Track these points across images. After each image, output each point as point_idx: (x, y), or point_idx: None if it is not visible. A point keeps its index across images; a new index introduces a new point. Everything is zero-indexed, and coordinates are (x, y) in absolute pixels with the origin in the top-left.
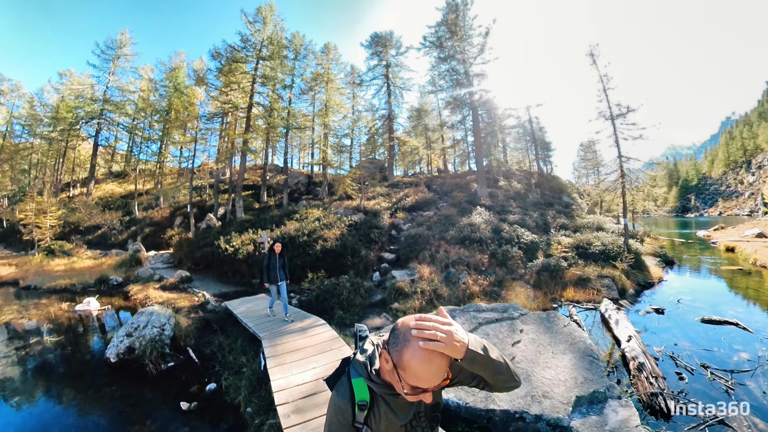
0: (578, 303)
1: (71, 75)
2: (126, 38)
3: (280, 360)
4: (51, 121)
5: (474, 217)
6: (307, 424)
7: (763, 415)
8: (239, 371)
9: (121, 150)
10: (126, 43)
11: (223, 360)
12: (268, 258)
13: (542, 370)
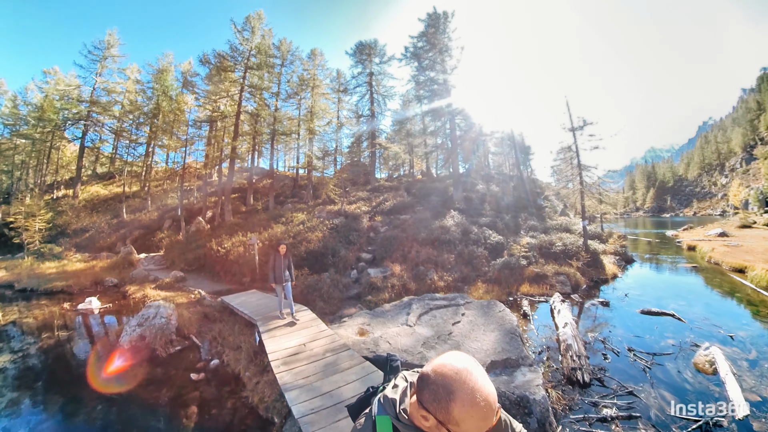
0: (532, 296)
1: (56, 73)
2: (114, 39)
3: (272, 334)
4: (35, 120)
5: (446, 221)
6: (291, 370)
7: (674, 389)
8: (238, 349)
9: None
10: (114, 44)
11: (223, 342)
12: (273, 259)
13: (471, 342)
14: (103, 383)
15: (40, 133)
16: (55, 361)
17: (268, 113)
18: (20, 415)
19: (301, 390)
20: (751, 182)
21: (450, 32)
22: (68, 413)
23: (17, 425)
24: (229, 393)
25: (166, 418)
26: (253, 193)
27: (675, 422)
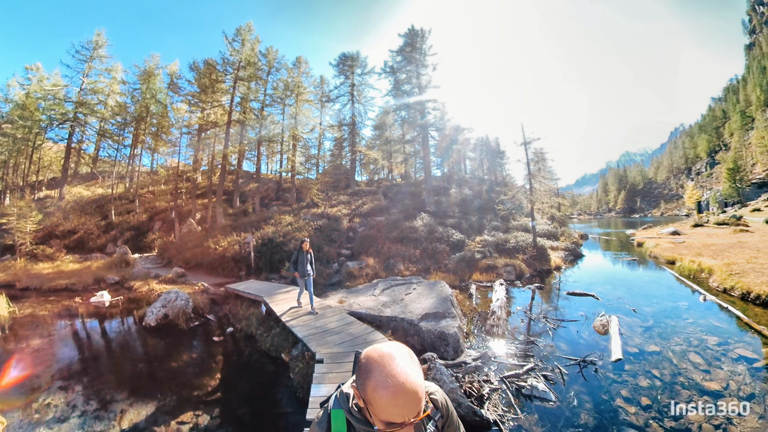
0: (480, 282)
1: (38, 70)
2: (102, 39)
3: (276, 302)
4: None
5: (416, 222)
6: (293, 319)
7: (569, 342)
8: (248, 318)
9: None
10: (102, 45)
11: (234, 316)
12: (296, 255)
13: (415, 304)
14: (144, 344)
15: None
16: (98, 336)
17: (256, 121)
18: (105, 360)
19: (302, 327)
20: (714, 185)
21: (426, 49)
22: (127, 368)
23: (105, 366)
24: (245, 346)
25: (201, 364)
26: (239, 196)
27: (560, 361)
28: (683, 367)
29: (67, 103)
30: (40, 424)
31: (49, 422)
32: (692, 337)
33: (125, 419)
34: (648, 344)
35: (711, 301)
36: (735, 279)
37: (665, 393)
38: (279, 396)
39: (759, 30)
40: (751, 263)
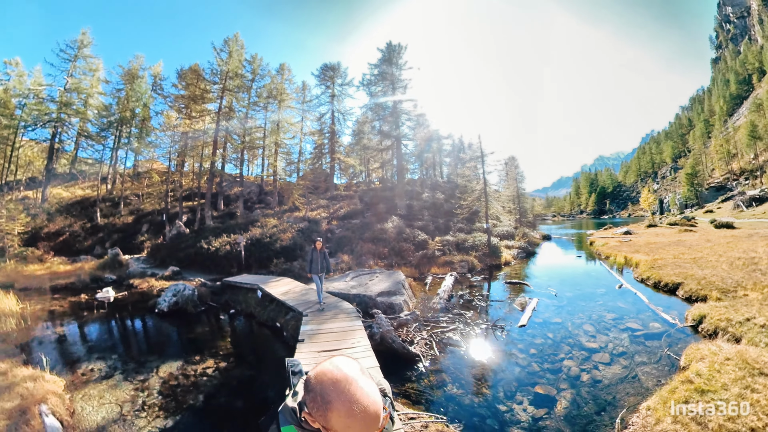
0: (436, 275)
1: (17, 65)
2: (87, 38)
3: (270, 287)
4: None
5: (387, 224)
6: (285, 295)
7: (492, 316)
8: (247, 301)
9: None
10: (87, 44)
11: (234, 301)
12: (311, 254)
13: (375, 286)
14: (161, 325)
15: None
16: (117, 321)
17: (240, 128)
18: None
19: (292, 301)
20: (677, 188)
21: (401, 64)
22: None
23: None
24: (246, 320)
25: (213, 333)
26: (223, 199)
27: (477, 325)
28: (575, 332)
29: (50, 102)
30: (90, 381)
31: (96, 380)
32: (594, 313)
33: (161, 371)
34: (554, 317)
35: (626, 288)
36: (653, 271)
37: (552, 348)
38: (276, 348)
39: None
40: (676, 258)
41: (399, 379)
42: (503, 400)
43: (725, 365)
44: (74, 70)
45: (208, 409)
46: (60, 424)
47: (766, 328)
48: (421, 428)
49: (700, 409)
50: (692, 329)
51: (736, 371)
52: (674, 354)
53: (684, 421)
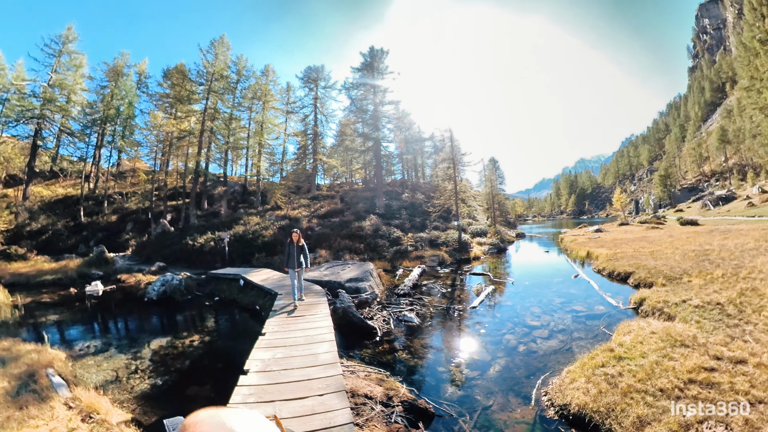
0: (407, 267)
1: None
2: (73, 34)
3: (251, 276)
4: None
5: (365, 222)
6: (264, 281)
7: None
8: (230, 289)
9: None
10: (72, 39)
11: (218, 290)
12: (287, 247)
13: (345, 274)
14: (151, 310)
15: None
16: (109, 309)
17: (225, 129)
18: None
19: (270, 285)
20: (652, 189)
21: (383, 68)
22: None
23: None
24: (230, 304)
25: (199, 316)
26: (207, 198)
27: (435, 308)
28: (522, 313)
29: (33, 98)
30: (87, 354)
31: (93, 353)
32: (545, 298)
33: (152, 345)
34: (506, 301)
35: (582, 277)
36: (609, 263)
37: (496, 325)
38: (254, 324)
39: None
40: (636, 252)
41: (357, 346)
42: (443, 363)
43: (649, 338)
44: (59, 66)
45: (193, 370)
46: (65, 382)
47: (699, 308)
48: (365, 376)
49: (614, 371)
50: (634, 311)
51: (658, 343)
52: (609, 331)
53: (596, 381)
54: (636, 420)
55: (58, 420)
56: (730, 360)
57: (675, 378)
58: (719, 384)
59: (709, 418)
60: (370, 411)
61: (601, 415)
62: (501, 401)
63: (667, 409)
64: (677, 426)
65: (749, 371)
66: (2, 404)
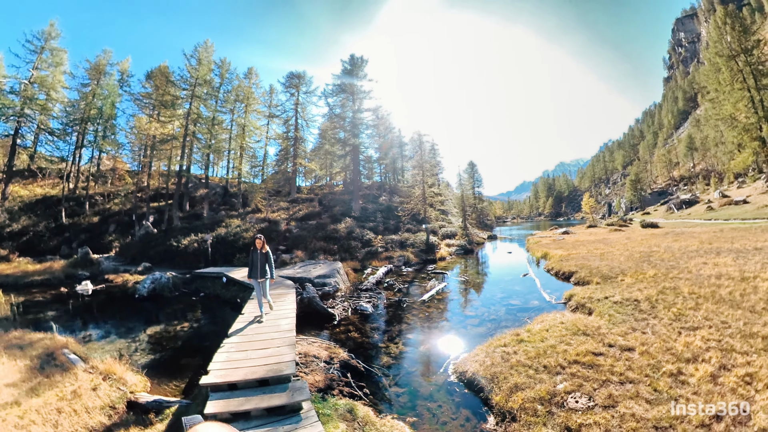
0: (375, 267)
1: None
2: (56, 30)
3: (234, 273)
4: None
5: (340, 225)
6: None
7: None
8: (214, 286)
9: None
10: (55, 36)
11: (203, 287)
12: (251, 255)
13: (315, 272)
14: (142, 306)
15: None
16: (102, 306)
17: (208, 135)
18: (113, 318)
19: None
20: (624, 193)
21: (362, 76)
22: (134, 319)
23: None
24: (214, 299)
25: (186, 309)
26: (188, 200)
27: (390, 300)
28: (463, 305)
29: (13, 95)
30: (91, 340)
31: (96, 339)
32: (489, 294)
33: (147, 331)
34: (453, 296)
35: (530, 276)
36: (559, 263)
37: (437, 315)
38: (237, 315)
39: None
40: (589, 253)
41: (318, 328)
42: (385, 341)
43: (557, 327)
44: (40, 63)
45: (184, 348)
46: (80, 359)
47: (618, 303)
48: (318, 345)
49: (511, 350)
50: (564, 305)
51: (562, 331)
52: (531, 321)
53: (493, 356)
54: (513, 386)
55: (82, 381)
56: (620, 348)
57: (562, 359)
58: (600, 366)
59: (576, 391)
60: (316, 365)
61: (487, 380)
62: (421, 369)
63: (543, 381)
64: (545, 393)
65: (633, 357)
66: (31, 375)
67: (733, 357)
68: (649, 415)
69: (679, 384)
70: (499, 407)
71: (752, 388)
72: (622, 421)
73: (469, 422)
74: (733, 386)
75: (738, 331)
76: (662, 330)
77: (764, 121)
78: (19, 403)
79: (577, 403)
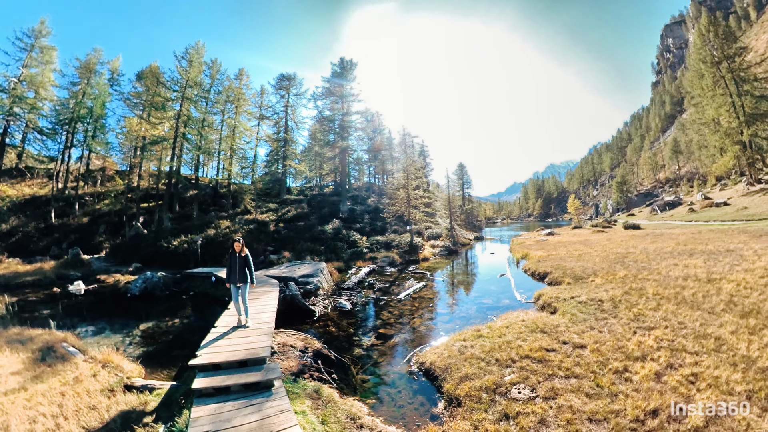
0: (359, 267)
1: None
2: (46, 28)
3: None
4: None
5: (327, 226)
6: None
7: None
8: (203, 285)
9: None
10: (45, 34)
11: (193, 286)
12: (229, 259)
13: (300, 271)
14: (134, 304)
15: None
16: (96, 304)
17: (198, 137)
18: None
19: None
20: (611, 195)
21: (351, 78)
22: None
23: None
24: (203, 297)
25: (177, 307)
26: (178, 201)
27: (369, 299)
28: (437, 303)
29: (2, 93)
30: (87, 335)
31: (92, 334)
32: (463, 293)
33: (140, 327)
34: (428, 295)
35: (506, 276)
36: (535, 264)
37: (411, 312)
38: (223, 311)
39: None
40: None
41: (299, 323)
42: (360, 335)
43: (517, 324)
44: (30, 61)
45: (175, 341)
46: (79, 351)
47: (582, 303)
48: (296, 337)
49: (468, 344)
50: (534, 304)
51: (521, 328)
52: (496, 318)
53: (451, 349)
54: (463, 375)
55: (82, 369)
56: (573, 345)
57: (515, 353)
58: (550, 361)
59: (522, 382)
60: (292, 354)
61: (442, 370)
62: (388, 360)
63: (493, 372)
64: (491, 383)
65: (584, 354)
66: (34, 365)
67: (682, 357)
68: (586, 408)
69: (622, 381)
70: (448, 394)
71: (695, 388)
72: (558, 411)
73: (423, 407)
74: (675, 385)
75: (693, 332)
76: (619, 329)
77: (745, 125)
78: (25, 389)
79: (520, 394)
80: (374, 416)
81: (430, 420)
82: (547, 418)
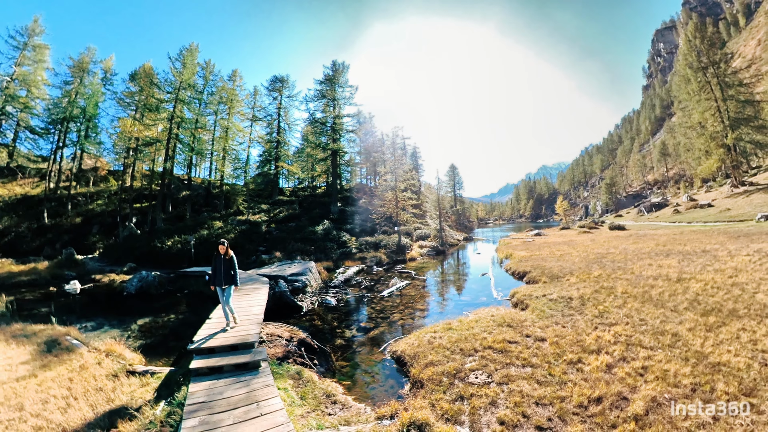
0: (348, 266)
1: None
2: (39, 27)
3: None
4: None
5: (318, 227)
6: None
7: (369, 291)
8: (197, 284)
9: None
10: (39, 32)
11: (187, 284)
12: (213, 261)
13: (290, 270)
14: (131, 302)
15: None
16: (94, 301)
17: (191, 138)
18: (103, 315)
19: None
20: (600, 196)
21: (343, 82)
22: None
23: (109, 317)
24: (197, 295)
25: (172, 305)
26: (171, 201)
27: (355, 296)
28: (418, 300)
29: None
30: (87, 331)
31: (91, 330)
32: (445, 291)
33: (138, 322)
34: (411, 292)
35: (488, 275)
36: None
37: (392, 308)
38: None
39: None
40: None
41: (287, 317)
42: (343, 328)
43: (486, 319)
44: (23, 60)
45: (171, 333)
46: (82, 343)
47: (553, 301)
48: (282, 329)
49: (437, 335)
50: (509, 302)
51: (489, 322)
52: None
53: (422, 339)
54: (428, 362)
55: (87, 358)
56: (535, 338)
57: (479, 344)
58: (510, 352)
59: (480, 369)
60: (278, 342)
61: (410, 357)
62: (366, 349)
63: (455, 360)
64: (452, 369)
65: (543, 347)
66: (41, 356)
67: (636, 351)
68: (535, 393)
69: (574, 371)
70: (414, 377)
71: (642, 379)
72: (509, 395)
73: (393, 389)
74: (623, 376)
75: (652, 328)
76: (582, 325)
77: (729, 129)
78: (35, 375)
79: (477, 379)
80: (348, 395)
81: (396, 399)
82: (497, 400)
